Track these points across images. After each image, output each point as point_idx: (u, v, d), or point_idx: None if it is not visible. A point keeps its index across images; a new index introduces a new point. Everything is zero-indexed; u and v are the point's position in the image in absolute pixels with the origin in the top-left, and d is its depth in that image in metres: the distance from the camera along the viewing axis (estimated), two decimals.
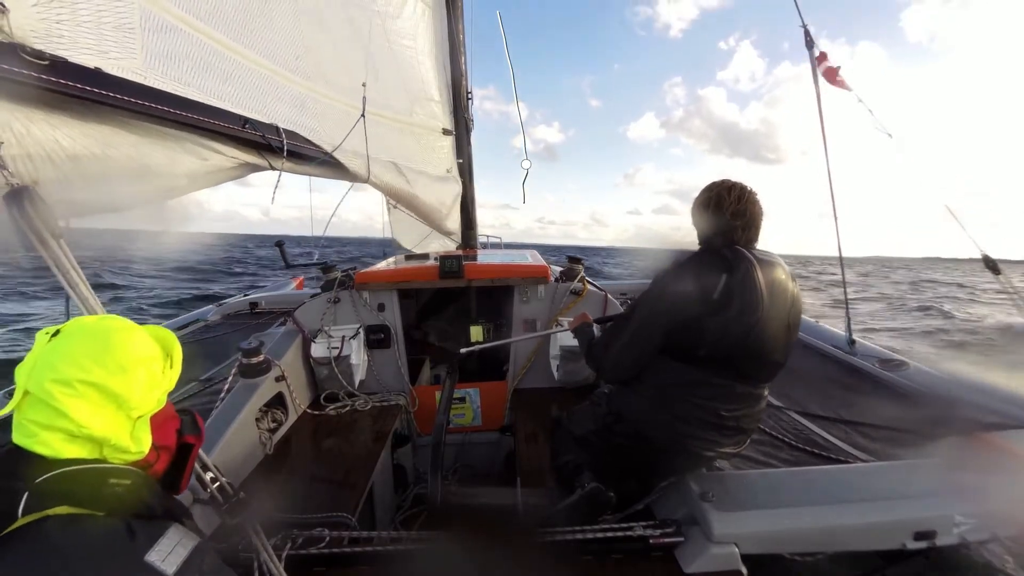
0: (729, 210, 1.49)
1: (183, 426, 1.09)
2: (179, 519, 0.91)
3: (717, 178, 1.56)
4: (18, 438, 0.79)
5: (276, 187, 1.69)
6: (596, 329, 1.94)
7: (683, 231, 1.68)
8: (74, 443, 0.80)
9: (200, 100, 1.31)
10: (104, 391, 0.81)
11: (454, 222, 4.00)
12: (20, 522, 0.74)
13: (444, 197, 3.39)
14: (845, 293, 3.31)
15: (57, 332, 0.85)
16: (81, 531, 0.76)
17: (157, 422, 0.94)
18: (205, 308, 4.98)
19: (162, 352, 0.96)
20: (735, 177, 1.56)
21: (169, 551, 0.79)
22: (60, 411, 0.77)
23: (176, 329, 4.23)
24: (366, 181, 2.26)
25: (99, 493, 0.80)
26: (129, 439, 0.85)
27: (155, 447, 0.93)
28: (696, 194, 1.59)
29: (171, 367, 0.97)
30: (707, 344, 1.45)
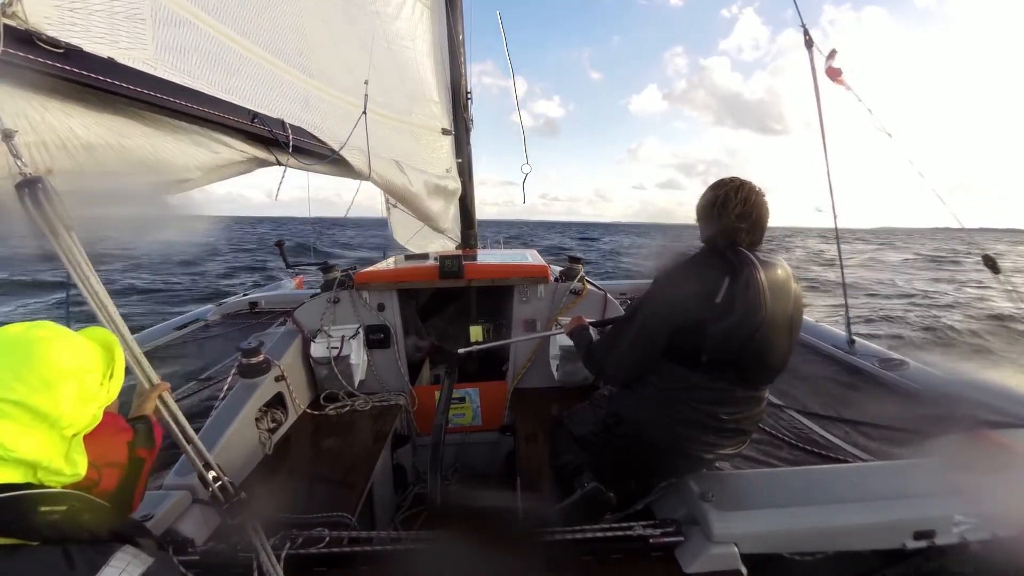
0: (735, 211, 1.46)
1: (136, 438, 1.03)
2: (131, 539, 0.85)
3: (725, 176, 1.54)
4: None
5: (280, 183, 1.68)
6: (593, 332, 1.92)
7: (687, 207, 1.65)
8: (4, 467, 0.73)
9: (210, 93, 1.30)
10: (29, 410, 0.75)
11: (453, 221, 3.99)
12: None
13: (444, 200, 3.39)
14: (845, 293, 3.34)
15: None
16: (12, 565, 0.70)
17: (103, 437, 0.89)
18: (204, 308, 4.93)
19: (103, 358, 0.89)
20: (741, 150, 1.52)
21: None
22: None
23: (175, 329, 4.17)
24: (367, 178, 2.26)
25: (31, 522, 0.73)
26: (63, 461, 0.79)
27: (96, 466, 0.87)
28: (700, 166, 1.55)
29: (111, 377, 0.90)
30: (709, 348, 1.43)
